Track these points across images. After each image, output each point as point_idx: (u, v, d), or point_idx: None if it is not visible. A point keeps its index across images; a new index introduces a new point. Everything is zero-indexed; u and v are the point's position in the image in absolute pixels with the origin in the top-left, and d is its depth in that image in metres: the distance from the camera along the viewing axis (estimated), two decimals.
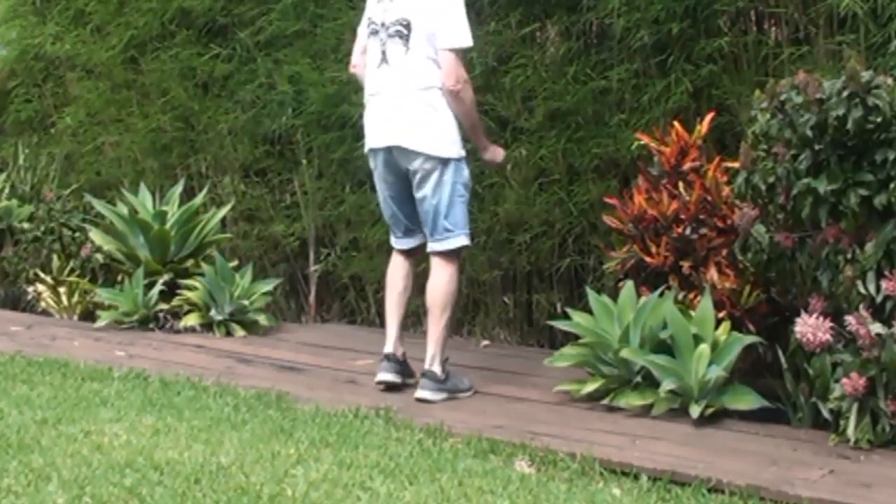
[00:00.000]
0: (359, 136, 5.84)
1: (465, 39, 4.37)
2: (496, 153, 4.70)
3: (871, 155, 3.72)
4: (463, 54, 4.44)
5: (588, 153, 5.18)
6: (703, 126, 4.55)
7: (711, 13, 4.82)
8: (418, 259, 4.69)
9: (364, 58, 4.60)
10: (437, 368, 4.41)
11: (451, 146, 4.42)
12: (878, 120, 3.66)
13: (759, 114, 3.95)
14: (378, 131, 4.54)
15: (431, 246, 4.48)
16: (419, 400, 4.36)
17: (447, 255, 4.47)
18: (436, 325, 4.45)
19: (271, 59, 6.25)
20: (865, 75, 3.69)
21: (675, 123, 4.55)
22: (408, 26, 4.38)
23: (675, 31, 4.85)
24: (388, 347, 4.58)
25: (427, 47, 4.37)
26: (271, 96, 6.25)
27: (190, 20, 6.62)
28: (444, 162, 4.39)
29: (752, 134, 4.01)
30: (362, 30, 4.64)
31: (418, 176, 4.42)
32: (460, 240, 4.47)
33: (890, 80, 3.74)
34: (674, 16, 4.84)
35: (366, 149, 4.65)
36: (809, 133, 3.76)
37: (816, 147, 3.80)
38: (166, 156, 6.91)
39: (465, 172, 4.48)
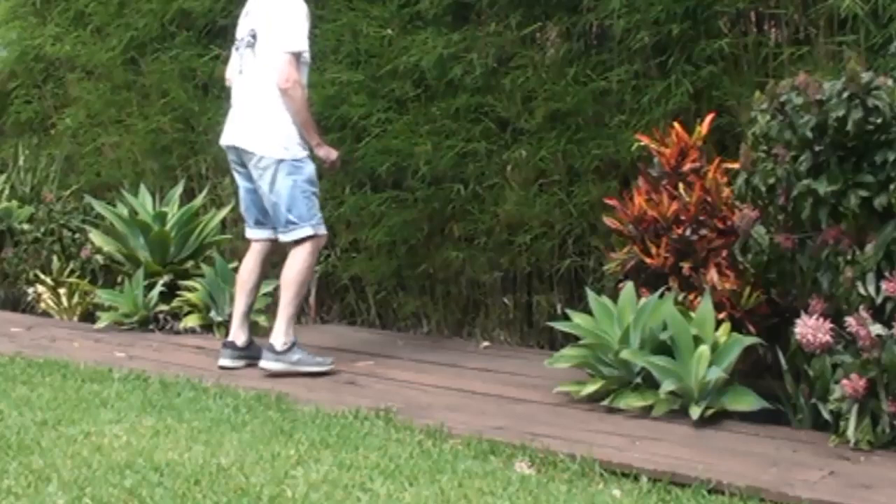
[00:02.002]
0: (359, 137, 5.87)
1: (298, 44, 4.83)
2: (329, 153, 5.05)
3: (871, 156, 3.72)
4: (296, 58, 4.84)
5: (588, 154, 5.18)
6: (703, 127, 4.55)
7: (711, 14, 4.82)
8: (270, 251, 5.16)
9: (233, 71, 5.14)
10: (277, 341, 4.85)
11: (286, 148, 4.88)
12: (879, 121, 3.66)
13: (759, 115, 3.96)
14: (228, 131, 5.06)
15: (280, 237, 5.00)
16: (260, 368, 4.86)
17: (297, 243, 4.92)
18: (283, 303, 4.91)
19: None
20: (865, 76, 3.69)
21: (675, 124, 4.56)
22: (255, 37, 4.93)
23: (675, 33, 4.85)
24: (231, 335, 5.08)
25: (269, 54, 4.87)
26: None
27: (190, 21, 6.63)
28: (279, 161, 4.85)
29: (752, 135, 4.01)
30: (233, 47, 5.18)
31: (255, 174, 4.94)
32: (305, 231, 4.90)
33: (890, 82, 3.74)
34: (674, 17, 4.84)
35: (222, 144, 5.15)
36: (809, 134, 3.76)
37: (816, 148, 3.80)
38: (166, 157, 6.91)
39: (307, 170, 4.91)
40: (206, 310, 5.82)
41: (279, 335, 4.86)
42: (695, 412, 3.96)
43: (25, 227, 6.81)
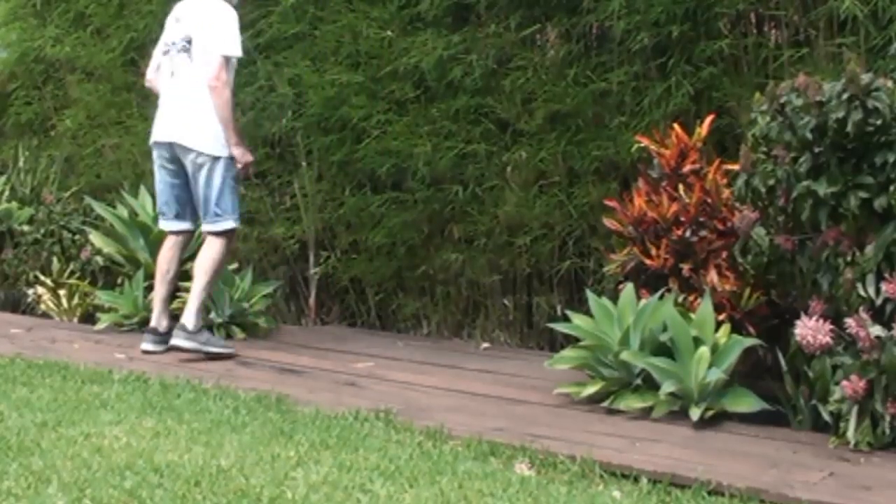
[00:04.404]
0: (359, 138, 5.87)
1: (233, 49, 5.23)
2: (245, 155, 5.29)
3: (870, 157, 3.72)
4: (228, 62, 5.22)
5: (588, 155, 5.18)
6: (703, 128, 4.56)
7: (712, 16, 4.83)
8: (186, 242, 5.53)
9: (158, 73, 5.50)
10: (189, 322, 5.19)
11: (223, 145, 5.22)
12: (878, 122, 3.66)
13: (759, 116, 3.96)
14: (163, 128, 5.39)
15: (205, 227, 5.35)
16: (173, 346, 5.22)
17: (216, 234, 5.29)
18: (197, 287, 5.26)
19: (271, 61, 6.25)
20: (865, 78, 3.69)
21: (675, 126, 4.56)
22: (190, 42, 5.28)
23: (675, 34, 4.86)
24: (152, 322, 5.42)
25: (204, 58, 5.22)
26: (271, 99, 6.25)
27: None
28: (215, 158, 5.22)
29: (752, 136, 4.01)
30: (157, 50, 5.55)
31: (191, 169, 5.28)
32: (227, 223, 5.28)
33: (890, 83, 3.74)
34: (674, 18, 4.85)
35: (151, 141, 5.48)
36: (809, 135, 3.76)
37: (816, 149, 3.81)
38: None
39: (232, 165, 5.26)
40: (205, 311, 5.80)
41: (190, 317, 5.20)
42: (695, 413, 3.96)
43: (25, 228, 6.81)
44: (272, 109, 6.27)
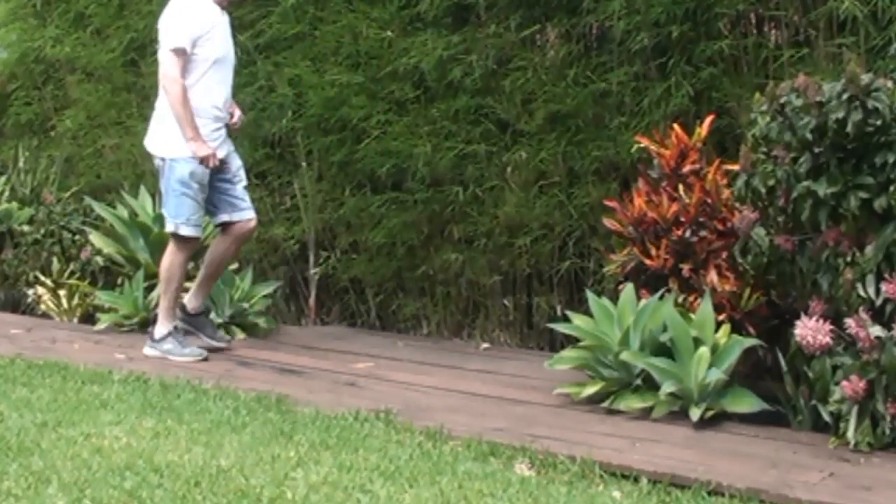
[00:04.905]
0: (359, 138, 5.87)
1: (176, 40, 5.09)
2: (199, 148, 5.10)
3: (870, 158, 3.73)
4: (178, 55, 5.09)
5: (588, 156, 5.18)
6: (703, 129, 4.56)
7: (712, 16, 4.82)
8: (230, 234, 5.36)
9: None
10: (156, 330, 5.29)
11: (171, 147, 5.13)
12: (878, 123, 3.66)
13: (759, 117, 3.96)
14: None
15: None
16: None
17: (172, 238, 5.26)
18: (161, 293, 5.36)
19: (271, 61, 6.25)
20: (865, 78, 3.69)
21: (675, 126, 4.56)
22: (156, 40, 5.29)
23: (675, 34, 4.85)
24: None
25: (160, 57, 5.20)
26: (271, 99, 6.25)
27: None
28: (166, 160, 5.15)
29: (751, 137, 4.01)
30: None
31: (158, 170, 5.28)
32: (169, 227, 5.21)
33: (890, 83, 3.74)
34: (674, 19, 4.84)
35: None
36: (809, 136, 3.77)
37: (816, 150, 3.81)
38: None
39: (181, 169, 5.10)
40: (206, 311, 5.81)
41: (156, 326, 5.31)
42: (695, 414, 3.96)
43: (25, 228, 6.81)
44: (272, 110, 6.27)
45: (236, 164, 5.39)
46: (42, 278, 6.52)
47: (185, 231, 5.17)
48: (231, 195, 5.30)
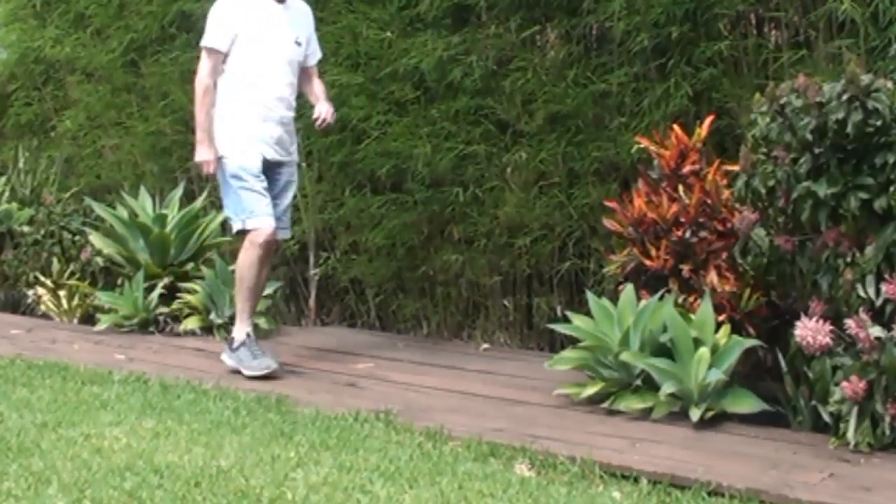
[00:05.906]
0: (359, 139, 5.87)
1: (207, 39, 5.00)
2: (199, 154, 5.01)
3: (870, 158, 3.73)
4: (211, 54, 4.99)
5: (588, 156, 5.18)
6: (703, 129, 4.56)
7: (711, 17, 4.83)
8: (275, 249, 5.25)
9: None
10: (234, 336, 5.01)
11: (219, 145, 4.97)
12: (878, 123, 3.66)
13: (758, 117, 3.96)
14: None
15: None
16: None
17: (240, 237, 5.02)
18: (235, 294, 5.13)
19: None
20: (865, 79, 3.69)
21: (675, 127, 4.56)
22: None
23: (675, 35, 4.86)
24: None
25: None
26: None
27: (190, 23, 6.61)
28: (220, 158, 4.96)
29: (751, 137, 4.01)
30: None
31: None
32: (236, 225, 4.96)
33: (890, 84, 3.74)
34: (674, 19, 4.85)
35: None
36: (809, 136, 3.77)
37: (816, 150, 3.81)
38: (166, 159, 6.91)
39: (230, 165, 4.92)
40: (206, 312, 5.82)
41: (234, 331, 5.05)
42: (695, 414, 3.96)
43: (25, 229, 6.81)
44: None
45: (285, 178, 5.11)
46: (42, 279, 6.53)
47: (253, 223, 4.87)
48: None
